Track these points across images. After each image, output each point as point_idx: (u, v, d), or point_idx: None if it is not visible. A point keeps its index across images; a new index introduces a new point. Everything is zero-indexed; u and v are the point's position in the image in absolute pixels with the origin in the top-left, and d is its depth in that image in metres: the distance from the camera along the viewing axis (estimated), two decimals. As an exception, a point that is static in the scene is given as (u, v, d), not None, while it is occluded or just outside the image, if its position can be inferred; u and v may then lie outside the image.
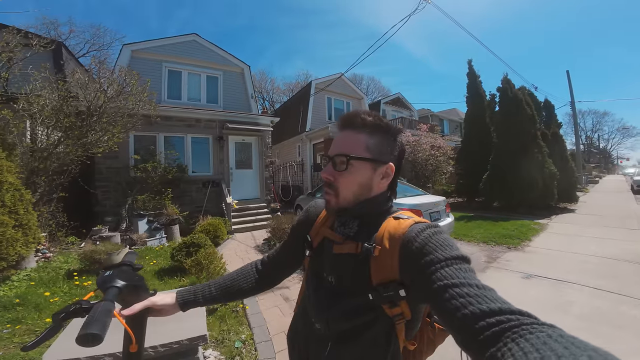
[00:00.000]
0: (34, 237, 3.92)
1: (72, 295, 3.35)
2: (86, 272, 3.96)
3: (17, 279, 3.61)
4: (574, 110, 17.04)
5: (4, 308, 2.96)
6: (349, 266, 0.66)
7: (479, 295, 0.44)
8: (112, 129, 5.47)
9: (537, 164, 8.31)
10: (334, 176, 0.68)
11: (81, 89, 5.22)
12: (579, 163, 15.08)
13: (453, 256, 0.52)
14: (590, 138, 52.26)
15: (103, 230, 5.57)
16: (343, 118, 0.71)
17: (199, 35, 9.21)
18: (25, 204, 3.92)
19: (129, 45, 8.17)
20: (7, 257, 3.41)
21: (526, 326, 0.37)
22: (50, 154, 4.85)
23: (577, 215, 7.93)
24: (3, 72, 4.69)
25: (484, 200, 9.38)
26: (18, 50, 5.01)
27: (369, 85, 35.95)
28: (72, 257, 4.48)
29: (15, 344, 2.44)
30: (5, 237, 3.41)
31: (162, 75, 8.58)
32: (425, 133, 12.30)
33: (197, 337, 1.38)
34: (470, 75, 11.11)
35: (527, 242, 5.37)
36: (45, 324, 2.74)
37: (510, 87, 9.22)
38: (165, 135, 7.81)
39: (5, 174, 3.70)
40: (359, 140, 0.66)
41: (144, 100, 5.96)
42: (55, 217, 5.15)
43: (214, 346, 2.35)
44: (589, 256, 4.33)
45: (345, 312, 0.65)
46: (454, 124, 22.41)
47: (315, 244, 0.76)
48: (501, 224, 6.77)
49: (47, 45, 6.14)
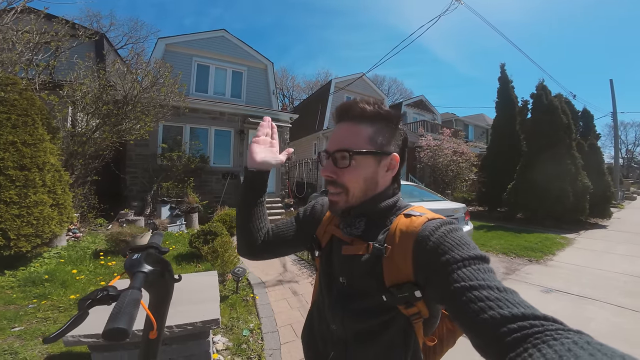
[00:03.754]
0: (68, 216, 4.10)
1: (96, 275, 3.51)
2: (111, 252, 4.19)
3: (48, 256, 3.78)
4: (615, 121, 15.83)
5: (33, 283, 3.11)
6: (359, 267, 0.62)
7: (499, 298, 0.41)
8: (145, 117, 5.81)
9: (570, 176, 7.83)
10: (335, 173, 0.64)
11: (120, 78, 5.59)
12: (616, 177, 14.00)
13: (471, 256, 0.49)
14: (631, 152, 48.39)
15: (129, 214, 5.90)
16: (340, 109, 0.66)
17: (227, 32, 9.51)
18: (63, 184, 4.11)
19: (164, 39, 8.62)
20: (42, 235, 3.55)
21: (550, 332, 0.35)
22: (89, 138, 5.22)
23: (608, 232, 7.44)
24: (51, 60, 5.09)
25: (507, 211, 8.96)
26: (66, 39, 5.41)
27: (391, 86, 35.33)
28: (99, 238, 4.74)
29: (38, 319, 2.51)
30: (43, 215, 3.57)
31: (192, 69, 8.98)
32: (448, 138, 11.93)
33: (210, 321, 1.43)
34: (502, 80, 10.63)
35: (551, 255, 5.11)
36: (69, 300, 2.85)
37: (546, 94, 8.73)
38: (191, 127, 8.18)
39: (48, 155, 3.96)
40: (360, 132, 0.62)
41: (175, 92, 6.28)
42: (87, 199, 5.49)
43: (223, 332, 2.43)
44: (616, 273, 4.09)
45: (359, 313, 0.62)
46: (480, 130, 21.54)
47: (323, 244, 0.73)
48: (524, 236, 6.46)
49: (92, 36, 6.62)
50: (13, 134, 3.61)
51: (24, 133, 3.72)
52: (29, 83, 4.17)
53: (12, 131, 3.61)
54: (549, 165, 7.94)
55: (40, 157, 3.81)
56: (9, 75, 3.87)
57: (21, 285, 3.09)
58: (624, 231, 7.47)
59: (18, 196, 3.42)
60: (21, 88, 3.81)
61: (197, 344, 1.56)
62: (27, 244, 3.39)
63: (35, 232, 3.48)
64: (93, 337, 1.27)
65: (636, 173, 42.58)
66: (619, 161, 17.43)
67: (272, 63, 10.22)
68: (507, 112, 10.25)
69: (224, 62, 9.48)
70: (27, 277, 3.22)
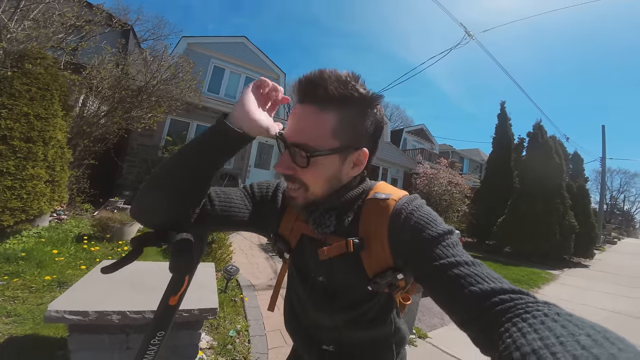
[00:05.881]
0: (60, 195, 3.95)
1: (77, 258, 3.34)
2: (95, 238, 3.95)
3: (27, 234, 3.56)
4: (603, 167, 16.48)
5: (7, 260, 2.91)
6: (339, 266, 0.59)
7: (470, 274, 0.43)
8: (158, 108, 5.92)
9: (558, 215, 8.11)
10: (293, 169, 0.54)
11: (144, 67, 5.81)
12: (600, 221, 14.41)
13: (440, 233, 0.49)
14: (615, 198, 50.11)
15: (119, 202, 5.76)
16: (304, 85, 0.52)
17: (247, 39, 9.91)
18: (64, 162, 4.01)
19: (187, 37, 9.00)
20: (28, 211, 3.38)
21: (521, 305, 0.37)
22: (99, 120, 5.29)
23: (590, 271, 7.70)
24: (81, 43, 5.28)
25: (496, 244, 9.14)
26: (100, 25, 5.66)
27: (393, 112, 36.54)
28: (83, 223, 4.50)
29: (5, 297, 2.35)
30: (35, 190, 3.42)
31: (208, 70, 9.28)
32: (445, 168, 12.20)
33: (208, 310, 1.39)
34: (501, 117, 11.09)
35: (537, 289, 5.26)
36: (43, 281, 2.67)
37: (542, 134, 9.16)
38: (198, 124, 8.30)
39: (57, 131, 3.92)
40: (324, 122, 0.51)
41: (192, 88, 6.44)
42: (79, 182, 5.35)
43: (208, 331, 2.34)
44: (598, 309, 4.23)
45: (346, 307, 0.61)
46: (475, 164, 22.11)
47: (293, 244, 0.65)
48: (511, 269, 6.60)
49: (124, 25, 6.99)
50: (29, 105, 3.60)
51: (39, 106, 3.71)
52: (55, 60, 4.25)
53: (28, 103, 3.61)
54: (539, 202, 8.21)
55: (48, 132, 3.75)
56: (40, 50, 3.95)
57: (-7, 261, 2.83)
58: (606, 271, 7.71)
59: (15, 167, 3.29)
60: (48, 63, 3.88)
61: (188, 334, 1.50)
62: (11, 218, 3.20)
63: (23, 206, 3.30)
64: (79, 314, 1.21)
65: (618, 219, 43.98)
66: (604, 206, 18.00)
67: (284, 74, 10.55)
68: (503, 148, 10.64)
69: (240, 67, 9.87)
70: (1, 253, 2.97)
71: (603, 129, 16.06)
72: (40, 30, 4.11)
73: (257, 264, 4.10)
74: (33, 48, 3.85)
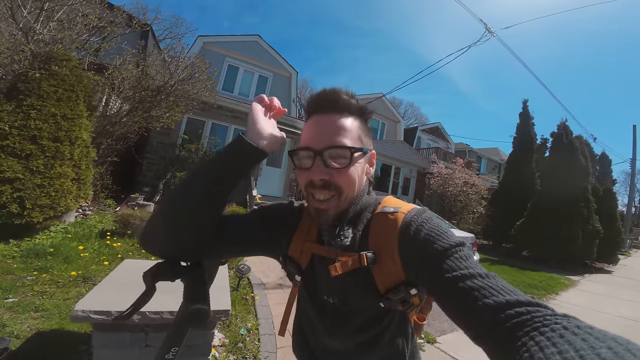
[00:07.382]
0: (85, 192, 4.13)
1: (100, 254, 3.48)
2: (117, 233, 4.09)
3: (55, 230, 3.71)
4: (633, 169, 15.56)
5: (36, 255, 3.01)
6: (351, 284, 0.58)
7: (484, 287, 0.42)
8: (176, 107, 6.10)
9: (582, 219, 7.76)
10: (330, 174, 0.55)
11: (162, 67, 5.98)
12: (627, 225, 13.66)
13: (451, 245, 0.49)
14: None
15: (139, 198, 5.99)
16: (325, 98, 0.57)
17: (260, 37, 10.00)
18: (89, 160, 4.18)
19: (203, 37, 9.17)
20: (56, 207, 3.52)
21: (539, 318, 0.35)
22: (121, 119, 5.50)
23: (613, 277, 7.40)
24: (103, 44, 5.50)
25: (513, 247, 8.87)
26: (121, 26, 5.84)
27: (407, 110, 35.58)
28: (107, 218, 4.69)
29: (34, 292, 2.41)
30: (63, 187, 3.58)
31: (222, 69, 9.43)
32: (460, 168, 11.89)
33: (221, 311, 1.42)
34: (523, 116, 10.70)
35: (554, 295, 5.08)
36: (69, 276, 2.79)
37: (567, 134, 8.78)
38: (213, 122, 8.47)
39: (82, 131, 4.11)
40: (352, 126, 0.57)
41: (208, 88, 6.59)
42: (103, 179, 5.61)
43: (220, 328, 2.40)
44: (618, 317, 4.07)
45: (359, 329, 0.60)
46: (493, 163, 21.39)
47: (304, 265, 0.64)
48: (528, 273, 6.40)
49: (144, 26, 7.16)
50: (56, 106, 3.77)
51: (66, 107, 3.88)
52: (80, 62, 4.43)
53: (55, 104, 3.77)
54: (561, 205, 7.87)
55: (74, 132, 3.93)
56: (65, 52, 4.13)
57: (23, 256, 3.01)
58: (629, 278, 7.38)
59: (44, 166, 3.44)
60: (73, 65, 4.06)
61: (202, 334, 1.53)
62: (40, 215, 3.38)
63: (51, 203, 3.48)
64: (103, 314, 1.27)
65: (647, 223, 41.41)
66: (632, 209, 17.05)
67: (296, 72, 10.57)
68: (525, 149, 10.25)
69: (253, 65, 9.96)
70: (31, 249, 3.14)
71: (634, 128, 15.16)
72: (65, 32, 4.27)
73: (268, 263, 4.18)
74: (59, 50, 4.02)
